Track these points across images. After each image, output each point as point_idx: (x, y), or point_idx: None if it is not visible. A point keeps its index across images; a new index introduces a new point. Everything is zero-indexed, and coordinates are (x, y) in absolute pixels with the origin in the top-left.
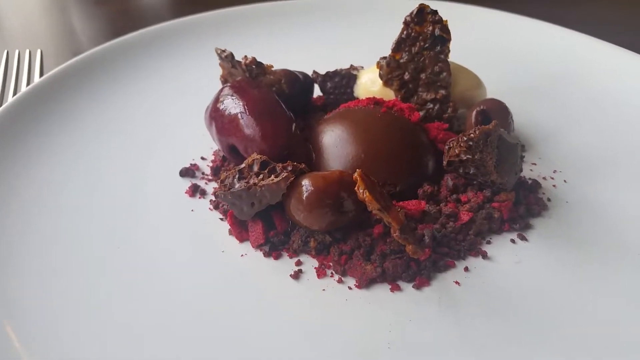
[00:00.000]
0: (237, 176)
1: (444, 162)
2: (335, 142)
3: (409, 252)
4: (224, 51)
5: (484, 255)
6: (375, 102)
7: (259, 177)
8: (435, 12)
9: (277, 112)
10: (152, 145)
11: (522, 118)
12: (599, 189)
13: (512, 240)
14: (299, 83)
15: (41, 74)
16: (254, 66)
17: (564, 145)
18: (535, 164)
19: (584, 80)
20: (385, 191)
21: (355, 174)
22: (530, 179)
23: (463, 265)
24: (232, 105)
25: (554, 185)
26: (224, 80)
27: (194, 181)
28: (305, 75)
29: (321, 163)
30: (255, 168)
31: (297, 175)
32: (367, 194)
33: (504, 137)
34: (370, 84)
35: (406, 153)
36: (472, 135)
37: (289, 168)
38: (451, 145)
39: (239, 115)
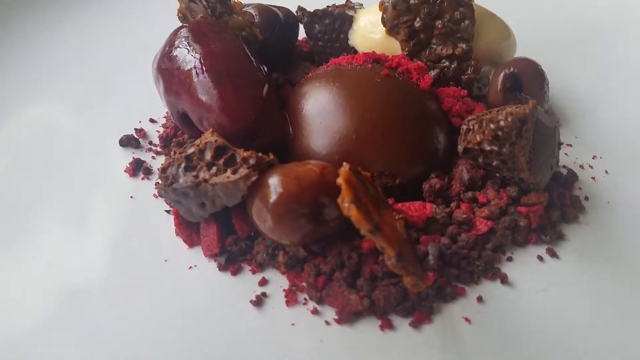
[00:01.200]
0: (183, 165)
1: (459, 148)
2: (319, 114)
3: (407, 284)
4: None
5: (503, 280)
6: (375, 59)
7: (211, 170)
8: None
9: (245, 73)
10: (86, 100)
11: (557, 80)
12: None
13: (540, 257)
14: (278, 25)
15: None
16: (217, 3)
17: (607, 120)
18: (570, 145)
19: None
20: (380, 187)
21: (339, 178)
22: (564, 167)
23: (476, 292)
24: (186, 58)
25: (592, 178)
26: (182, 18)
27: (138, 154)
28: (287, 12)
29: (300, 141)
30: (208, 156)
31: (263, 170)
32: (354, 210)
33: (542, 121)
34: (370, 29)
35: (411, 133)
36: (501, 122)
37: (251, 161)
38: (471, 127)
39: (194, 72)
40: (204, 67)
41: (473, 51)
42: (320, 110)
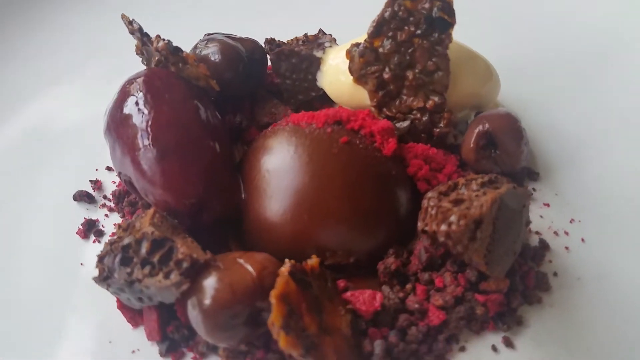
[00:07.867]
0: (119, 256)
1: (419, 225)
2: (271, 184)
3: None
4: (131, 22)
5: None
6: (336, 121)
7: (145, 270)
8: None
9: (194, 143)
10: (38, 146)
11: (542, 125)
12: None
13: (494, 348)
14: (242, 64)
15: None
16: (168, 55)
17: (594, 177)
18: (548, 205)
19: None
20: (332, 268)
21: (272, 294)
22: (538, 234)
23: None
24: (134, 120)
25: (566, 248)
26: (140, 54)
27: (90, 211)
28: (253, 47)
29: (252, 207)
30: (144, 249)
31: (198, 271)
32: (282, 338)
33: (507, 205)
34: (342, 69)
35: (368, 209)
36: (453, 226)
37: (185, 265)
38: (430, 208)
39: (139, 139)
40: (150, 138)
41: (447, 103)
42: (273, 180)
